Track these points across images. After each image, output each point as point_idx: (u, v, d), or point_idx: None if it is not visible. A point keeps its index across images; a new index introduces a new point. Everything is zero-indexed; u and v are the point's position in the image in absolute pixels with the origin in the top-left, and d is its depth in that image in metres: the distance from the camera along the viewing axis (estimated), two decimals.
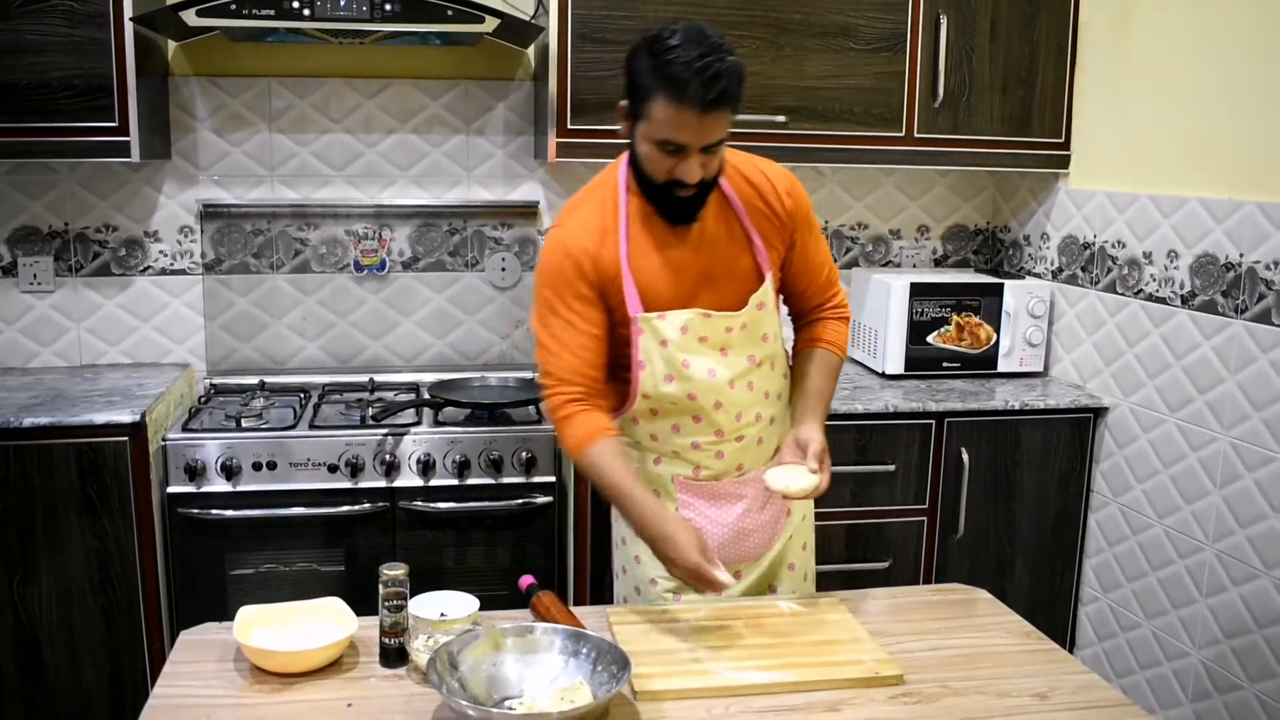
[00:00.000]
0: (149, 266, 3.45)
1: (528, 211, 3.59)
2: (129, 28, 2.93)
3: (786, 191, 2.16)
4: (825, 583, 2.47)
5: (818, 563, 2.42)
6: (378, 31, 3.01)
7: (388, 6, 2.90)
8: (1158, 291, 3.06)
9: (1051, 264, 3.54)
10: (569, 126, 3.16)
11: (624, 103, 2.02)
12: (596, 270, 2.07)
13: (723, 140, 1.97)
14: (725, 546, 2.20)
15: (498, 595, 2.23)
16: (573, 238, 2.08)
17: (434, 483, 3.04)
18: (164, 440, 2.95)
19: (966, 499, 3.23)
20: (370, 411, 3.14)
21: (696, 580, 1.94)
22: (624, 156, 2.13)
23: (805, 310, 2.30)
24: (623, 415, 2.18)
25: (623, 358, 2.13)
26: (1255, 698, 2.75)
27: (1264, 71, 2.73)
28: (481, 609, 1.88)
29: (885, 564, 3.21)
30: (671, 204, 2.04)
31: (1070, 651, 2.80)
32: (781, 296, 2.28)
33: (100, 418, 2.83)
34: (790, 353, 2.34)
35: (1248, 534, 2.77)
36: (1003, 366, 3.49)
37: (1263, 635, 2.73)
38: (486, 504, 3.06)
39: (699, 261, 2.11)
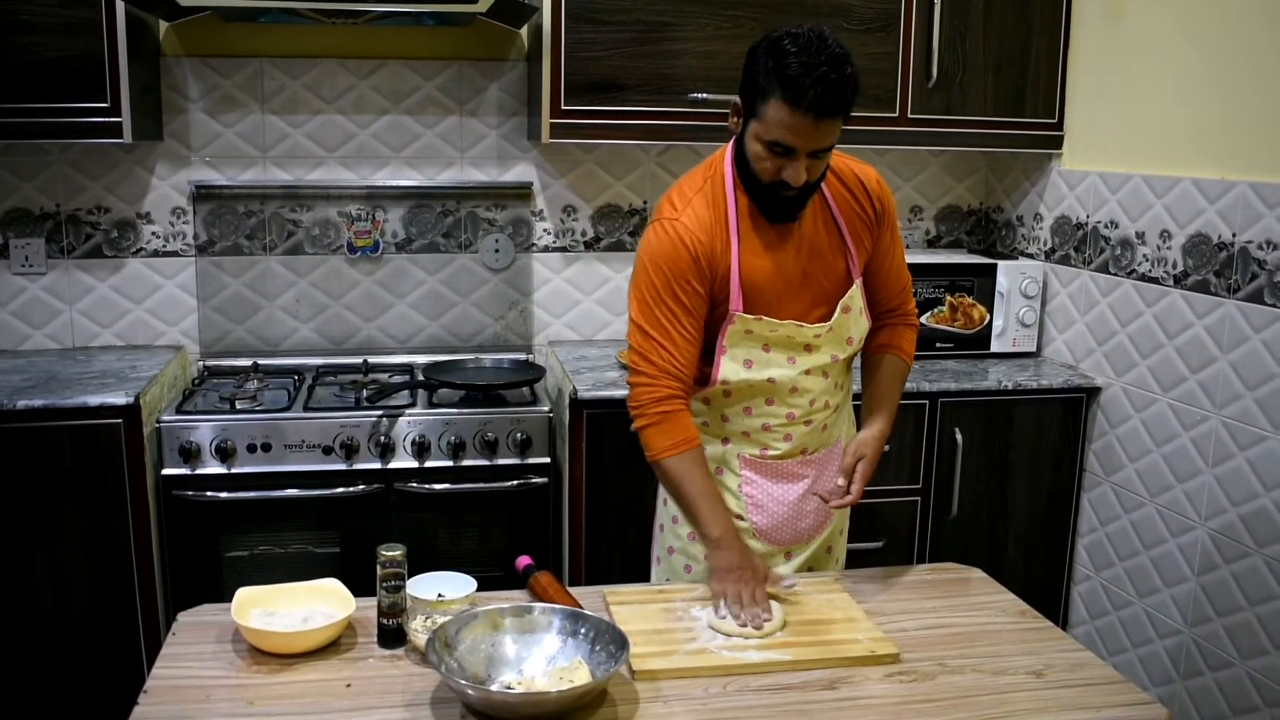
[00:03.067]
0: (141, 248, 3.44)
1: (521, 193, 3.59)
2: (120, 7, 2.91)
3: (877, 195, 2.19)
4: None
5: None
6: (371, 11, 3.00)
7: None
8: (1150, 271, 3.07)
9: (1044, 244, 3.54)
10: (563, 107, 3.15)
11: (737, 99, 2.04)
12: (710, 266, 2.08)
13: (831, 147, 1.99)
14: (784, 526, 2.24)
15: (493, 576, 2.24)
16: (689, 231, 2.07)
17: (429, 464, 3.04)
18: (158, 422, 2.95)
19: (960, 479, 3.24)
20: (365, 393, 3.14)
21: (737, 602, 1.93)
22: (728, 149, 2.14)
23: (877, 314, 2.30)
24: (696, 395, 2.20)
25: (707, 339, 2.15)
26: (1247, 675, 2.77)
27: (1257, 52, 2.73)
28: (478, 590, 1.89)
29: (879, 544, 3.23)
30: (773, 202, 2.06)
31: (1063, 630, 2.81)
32: None
33: (94, 400, 2.83)
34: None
35: (1239, 512, 2.78)
36: (996, 347, 3.50)
37: (1254, 613, 2.74)
38: (482, 485, 3.06)
39: (800, 264, 2.14)
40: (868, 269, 2.23)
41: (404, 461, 3.04)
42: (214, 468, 2.96)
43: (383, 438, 3.01)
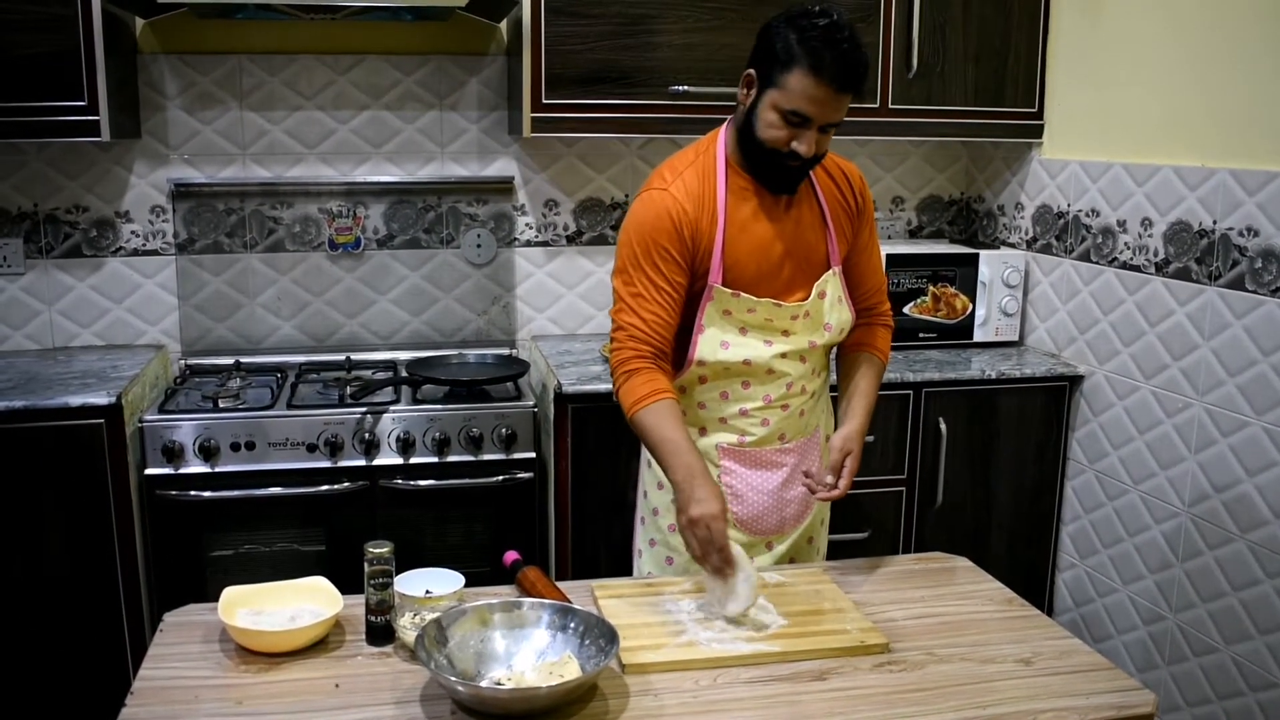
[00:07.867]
0: (121, 247, 3.41)
1: (502, 187, 3.58)
2: (96, 4, 2.88)
3: (859, 189, 2.25)
4: None
5: None
6: (348, 6, 2.98)
7: None
8: (1131, 259, 3.08)
9: (1026, 234, 3.55)
10: (544, 101, 3.14)
11: (750, 70, 2.08)
12: (693, 236, 2.11)
13: (839, 124, 2.06)
14: (765, 515, 2.24)
15: (481, 572, 2.23)
16: (675, 201, 2.11)
17: (414, 460, 3.03)
18: (140, 422, 2.93)
19: (944, 468, 3.25)
20: (348, 390, 3.12)
21: (703, 543, 1.91)
22: (723, 129, 2.19)
23: (855, 311, 2.31)
24: (675, 380, 2.20)
25: (686, 318, 2.17)
26: (1231, 660, 2.79)
27: (1236, 39, 2.74)
28: (466, 586, 1.88)
29: (865, 534, 3.23)
30: (777, 172, 2.10)
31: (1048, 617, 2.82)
32: None
33: (75, 400, 2.81)
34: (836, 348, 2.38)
35: (1222, 498, 2.80)
36: (979, 336, 3.51)
37: (1238, 598, 2.76)
38: (467, 481, 3.05)
39: (784, 243, 2.16)
40: (845, 263, 2.26)
41: (389, 458, 3.02)
42: (197, 467, 2.94)
43: (367, 434, 3.00)
